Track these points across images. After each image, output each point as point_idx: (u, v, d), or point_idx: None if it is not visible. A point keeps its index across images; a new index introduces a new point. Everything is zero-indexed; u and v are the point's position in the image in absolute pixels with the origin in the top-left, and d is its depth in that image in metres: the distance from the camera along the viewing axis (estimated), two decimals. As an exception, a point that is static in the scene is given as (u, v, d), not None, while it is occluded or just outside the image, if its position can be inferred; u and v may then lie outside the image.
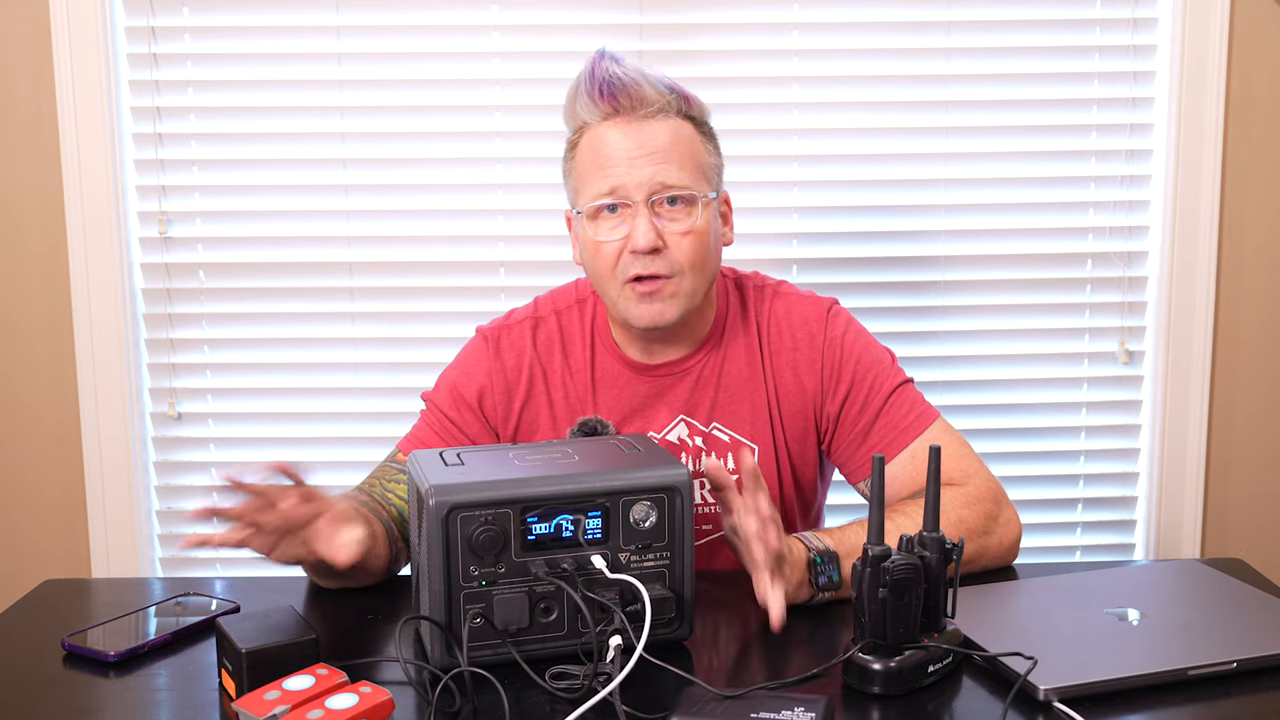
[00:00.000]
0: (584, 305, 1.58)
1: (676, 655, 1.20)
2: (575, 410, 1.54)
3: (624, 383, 1.55)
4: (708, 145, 1.50)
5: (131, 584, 1.79)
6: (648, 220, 1.43)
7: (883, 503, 1.15)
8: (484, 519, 1.14)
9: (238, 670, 1.12)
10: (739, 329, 1.56)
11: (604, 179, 1.44)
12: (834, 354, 1.54)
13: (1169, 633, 1.22)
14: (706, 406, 1.54)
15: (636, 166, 1.43)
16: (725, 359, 1.55)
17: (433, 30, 2.10)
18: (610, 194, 1.44)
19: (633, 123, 1.44)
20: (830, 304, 1.58)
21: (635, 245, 1.43)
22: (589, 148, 1.47)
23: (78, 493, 2.18)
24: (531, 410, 1.55)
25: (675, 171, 1.44)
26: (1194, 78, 2.08)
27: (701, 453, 1.54)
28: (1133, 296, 2.18)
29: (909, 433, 1.51)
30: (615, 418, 1.54)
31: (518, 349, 1.56)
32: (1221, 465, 2.21)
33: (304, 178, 2.13)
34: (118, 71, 2.08)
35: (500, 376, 1.55)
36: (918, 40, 2.11)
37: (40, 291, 2.14)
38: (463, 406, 1.55)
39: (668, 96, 1.46)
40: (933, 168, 2.14)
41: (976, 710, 1.12)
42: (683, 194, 1.44)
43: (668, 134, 1.45)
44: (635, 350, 1.55)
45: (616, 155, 1.44)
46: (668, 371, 1.54)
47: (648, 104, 1.44)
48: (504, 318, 1.60)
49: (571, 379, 1.55)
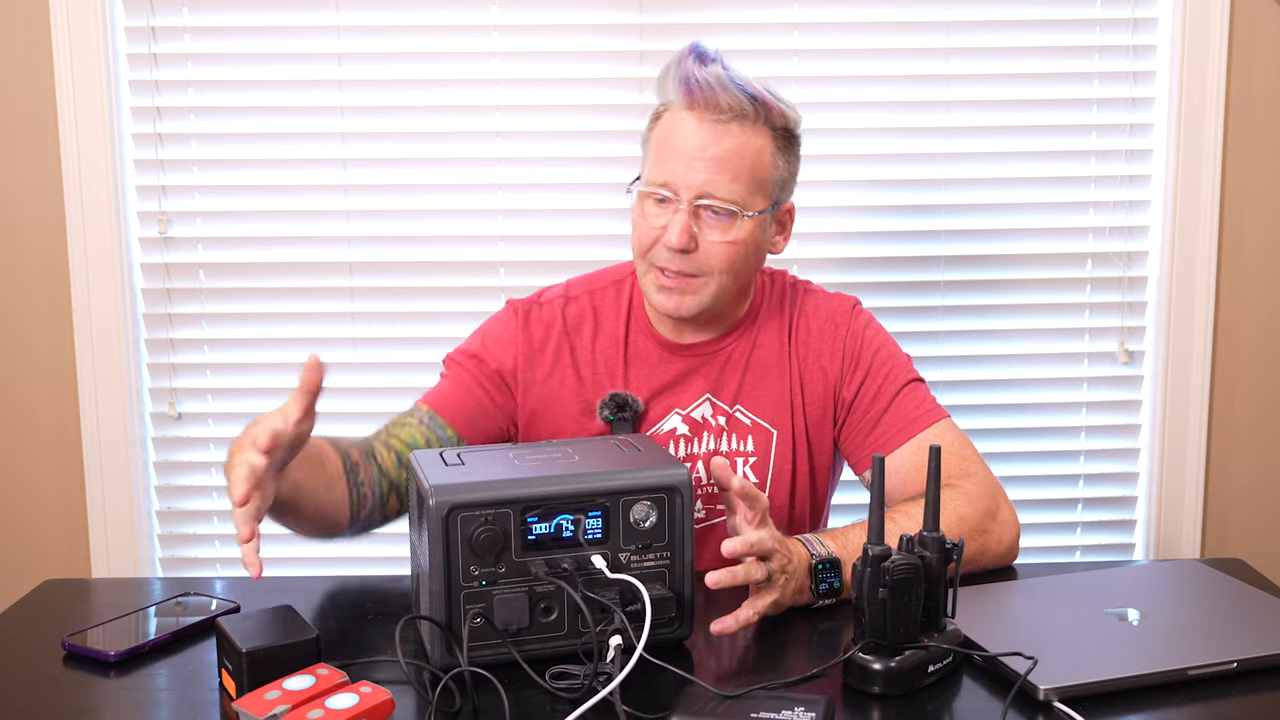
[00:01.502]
0: (621, 285, 1.62)
1: (676, 655, 1.20)
2: (604, 385, 1.57)
3: (655, 360, 1.58)
4: (780, 158, 1.51)
5: (131, 584, 1.79)
6: (685, 221, 1.46)
7: (883, 502, 1.15)
8: (484, 519, 1.14)
9: (238, 670, 1.12)
10: (773, 318, 1.60)
11: (662, 170, 1.48)
12: (855, 343, 1.58)
13: (1169, 633, 1.22)
14: (733, 388, 1.57)
15: (693, 168, 1.46)
16: (756, 344, 1.58)
17: (433, 30, 2.10)
18: (662, 185, 1.48)
19: (708, 121, 1.46)
20: (855, 301, 1.63)
21: (668, 241, 1.47)
22: (665, 129, 1.50)
23: (78, 493, 2.18)
24: (556, 381, 1.57)
25: (728, 184, 1.46)
26: (1194, 77, 2.08)
27: (723, 432, 1.56)
28: (1133, 296, 2.18)
29: (917, 424, 1.53)
30: (645, 393, 1.57)
31: (546, 323, 1.59)
32: (1221, 465, 2.21)
33: (304, 178, 2.13)
34: (118, 71, 2.08)
35: (526, 346, 1.58)
36: (918, 40, 2.11)
37: (40, 291, 2.14)
38: (485, 370, 1.58)
39: (744, 104, 1.46)
40: (933, 168, 2.14)
41: (976, 710, 1.12)
42: (726, 208, 1.47)
43: (734, 143, 1.46)
44: (667, 329, 1.58)
45: (681, 150, 1.47)
46: (699, 351, 1.58)
47: (721, 110, 1.46)
48: (536, 294, 1.63)
49: (602, 352, 1.58)
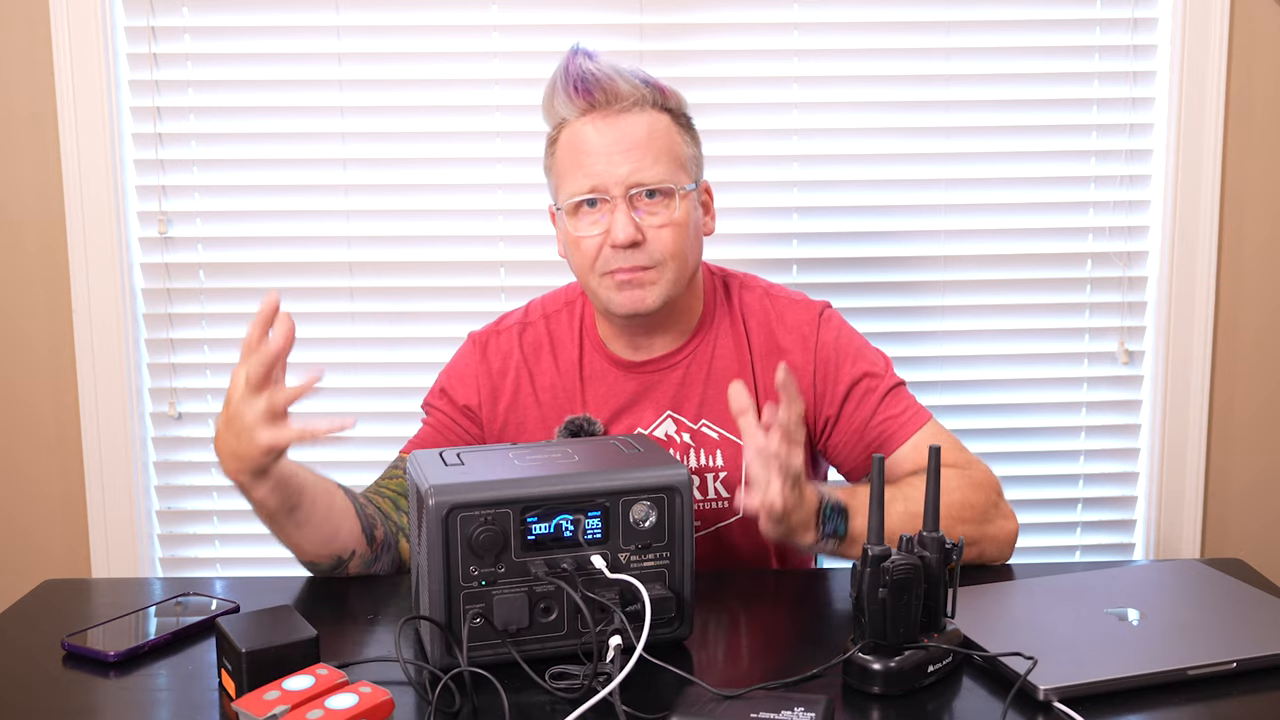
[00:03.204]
0: (573, 307, 1.61)
1: (676, 655, 1.20)
2: (564, 409, 1.56)
3: (611, 380, 1.56)
4: (685, 136, 1.52)
5: (131, 584, 1.79)
6: (626, 215, 1.45)
7: (883, 502, 1.15)
8: (484, 519, 1.14)
9: (238, 670, 1.12)
10: (725, 323, 1.58)
11: (583, 176, 1.47)
12: (828, 358, 1.55)
13: (1169, 633, 1.22)
14: (695, 403, 1.56)
15: (614, 163, 1.45)
16: (714, 355, 1.56)
17: (433, 30, 2.10)
18: (589, 190, 1.47)
19: (609, 118, 1.47)
20: (822, 307, 1.59)
21: (614, 240, 1.45)
22: (568, 144, 1.49)
23: (78, 493, 2.18)
24: (519, 411, 1.57)
25: (651, 166, 1.46)
26: (1194, 77, 2.08)
27: (689, 449, 1.55)
28: (1133, 296, 2.18)
29: (910, 426, 1.52)
30: (603, 415, 1.56)
31: (504, 352, 1.59)
32: (1221, 465, 2.21)
33: (304, 178, 2.13)
34: (118, 71, 2.08)
35: (486, 379, 1.58)
36: (918, 40, 2.11)
37: (40, 291, 2.14)
38: (455, 407, 1.58)
39: (642, 90, 1.48)
40: (933, 168, 2.14)
41: (976, 710, 1.12)
42: (660, 188, 1.47)
43: (644, 128, 1.47)
44: (622, 346, 1.57)
45: (594, 151, 1.46)
46: (654, 368, 1.56)
47: (622, 98, 1.46)
48: (495, 322, 1.63)
49: (560, 378, 1.57)
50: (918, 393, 1.60)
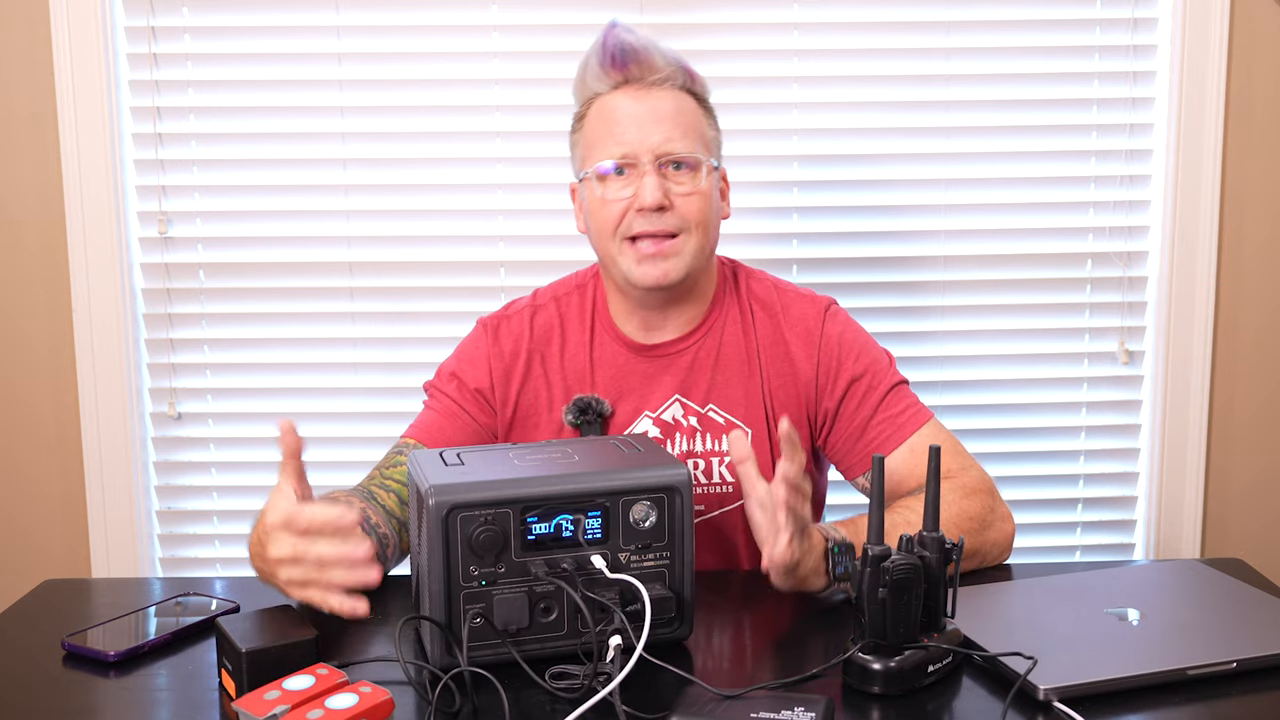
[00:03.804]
0: (584, 290, 1.62)
1: (676, 655, 1.20)
2: (574, 390, 1.57)
3: (621, 362, 1.58)
4: (709, 120, 1.56)
5: (131, 584, 1.78)
6: (655, 179, 1.48)
7: (883, 502, 1.15)
8: (484, 519, 1.14)
9: (238, 670, 1.12)
10: (733, 311, 1.59)
11: (614, 143, 1.49)
12: (831, 351, 1.56)
13: (1168, 633, 1.22)
14: (703, 387, 1.57)
15: (646, 131, 1.48)
16: (722, 341, 1.58)
17: (433, 30, 2.10)
18: (620, 156, 1.49)
19: (641, 90, 1.51)
20: (829, 303, 1.60)
21: (643, 202, 1.47)
22: (598, 115, 1.52)
23: (78, 493, 2.18)
24: (530, 393, 1.58)
25: (681, 138, 1.49)
26: (1194, 77, 2.08)
27: (696, 432, 1.56)
28: (1133, 296, 2.18)
29: (907, 427, 1.53)
30: (612, 397, 1.57)
31: (515, 335, 1.60)
32: (1221, 465, 2.21)
33: (304, 178, 2.13)
34: (118, 71, 2.09)
35: (499, 361, 1.58)
36: (918, 40, 2.11)
37: (40, 291, 2.14)
38: (465, 391, 1.58)
39: (675, 67, 1.52)
40: (933, 168, 2.14)
41: (976, 710, 1.12)
42: (688, 159, 1.50)
43: (673, 103, 1.51)
44: (634, 327, 1.58)
45: (625, 120, 1.49)
46: (664, 352, 1.57)
47: (656, 71, 1.51)
48: (504, 308, 1.64)
49: (570, 360, 1.58)
50: (918, 393, 1.60)
